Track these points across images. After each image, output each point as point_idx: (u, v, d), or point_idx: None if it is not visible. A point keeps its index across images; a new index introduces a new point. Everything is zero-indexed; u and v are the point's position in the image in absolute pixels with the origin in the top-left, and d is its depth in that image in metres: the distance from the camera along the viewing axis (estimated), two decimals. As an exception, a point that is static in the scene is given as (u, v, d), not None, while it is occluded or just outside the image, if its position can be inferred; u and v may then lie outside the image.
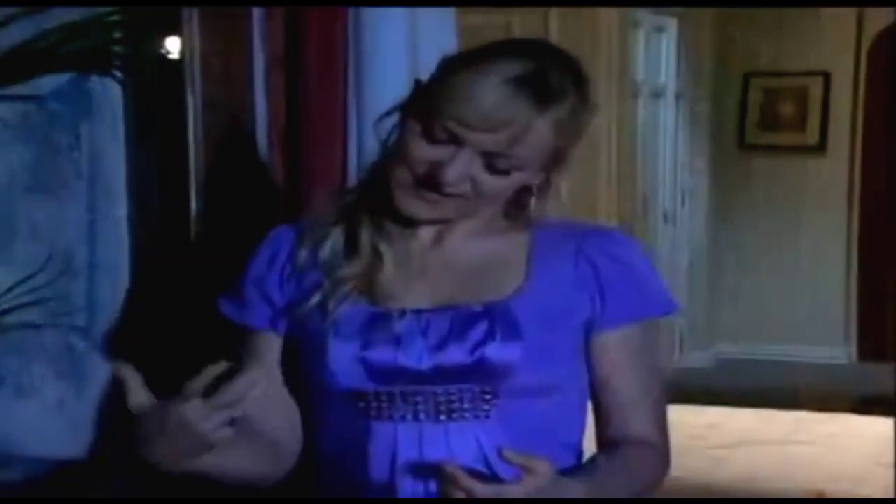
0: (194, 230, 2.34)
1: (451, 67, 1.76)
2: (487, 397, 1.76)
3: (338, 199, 1.90)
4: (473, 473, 1.61)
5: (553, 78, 1.74)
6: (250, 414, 1.82)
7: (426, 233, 1.84)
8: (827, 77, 8.18)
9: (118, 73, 2.26)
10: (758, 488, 5.31)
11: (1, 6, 2.20)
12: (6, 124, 2.31)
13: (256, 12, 2.36)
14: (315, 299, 1.80)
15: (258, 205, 2.37)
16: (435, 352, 1.75)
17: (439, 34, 2.38)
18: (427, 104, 1.74)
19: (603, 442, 1.87)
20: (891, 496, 4.87)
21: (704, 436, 6.01)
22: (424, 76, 1.84)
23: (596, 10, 6.53)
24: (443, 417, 1.77)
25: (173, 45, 2.30)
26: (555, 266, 1.82)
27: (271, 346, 1.88)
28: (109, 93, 2.31)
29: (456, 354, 1.75)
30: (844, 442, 5.84)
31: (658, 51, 7.73)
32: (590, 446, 1.90)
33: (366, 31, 2.35)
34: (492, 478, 1.68)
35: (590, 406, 1.89)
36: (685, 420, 6.19)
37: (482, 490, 1.58)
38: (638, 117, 7.38)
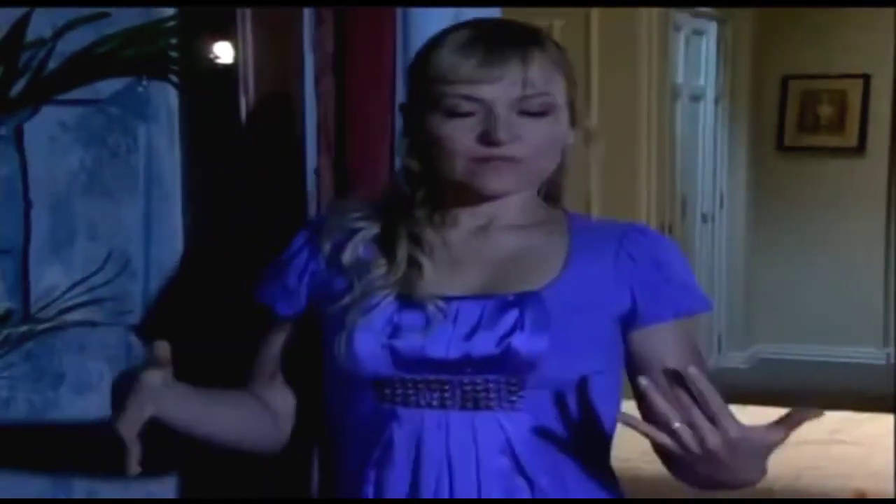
0: (246, 232, 2.38)
1: (426, 58, 1.84)
2: (514, 388, 1.77)
3: (370, 203, 1.94)
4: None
5: (516, 25, 1.86)
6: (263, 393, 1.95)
7: (468, 224, 1.87)
8: (867, 79, 8.18)
9: (174, 78, 2.30)
10: (801, 487, 5.32)
11: (72, 5, 2.26)
12: (66, 128, 2.35)
13: (307, 17, 2.40)
14: (345, 301, 1.82)
15: (308, 208, 2.41)
16: (463, 341, 1.77)
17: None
18: (432, 95, 1.80)
19: None
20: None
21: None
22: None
23: (637, 13, 6.56)
24: (469, 406, 1.78)
25: (227, 51, 2.34)
26: (593, 261, 1.84)
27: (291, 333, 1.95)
28: (166, 97, 2.34)
29: (484, 344, 1.76)
30: (886, 442, 5.84)
31: (697, 54, 7.75)
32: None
33: (414, 35, 2.38)
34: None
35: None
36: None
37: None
38: (677, 119, 7.40)
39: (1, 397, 2.41)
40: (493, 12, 2.47)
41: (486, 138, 1.78)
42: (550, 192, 1.93)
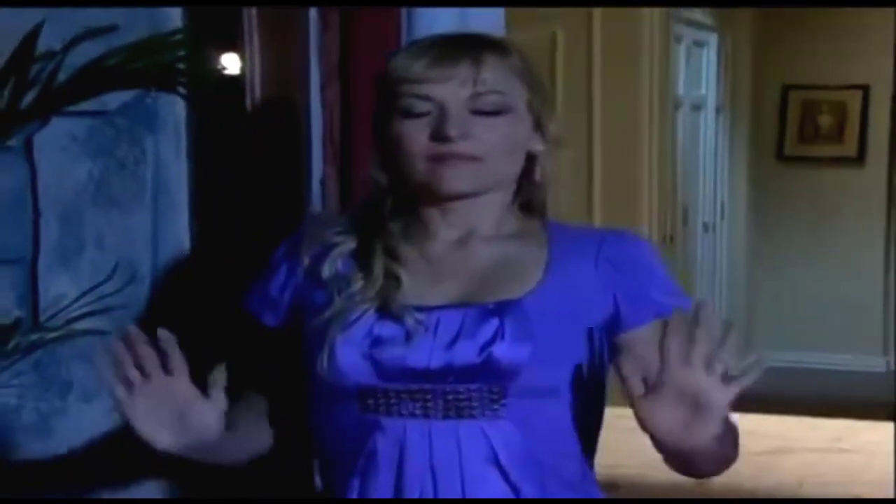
0: (252, 241, 2.40)
1: (387, 67, 1.88)
2: (496, 397, 1.77)
3: (348, 217, 1.96)
4: None
5: (477, 35, 1.90)
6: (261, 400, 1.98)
7: (446, 237, 1.88)
8: (866, 90, 8.20)
9: (182, 90, 2.32)
10: (803, 494, 5.33)
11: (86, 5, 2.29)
12: (75, 139, 2.37)
13: (313, 27, 2.42)
14: (326, 315, 1.83)
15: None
16: (444, 350, 1.77)
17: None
18: (390, 99, 1.84)
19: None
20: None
21: (746, 443, 6.00)
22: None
23: (639, 25, 6.59)
24: (452, 415, 1.78)
25: (234, 62, 2.36)
26: (574, 267, 1.85)
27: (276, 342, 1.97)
28: (173, 108, 2.37)
29: (465, 353, 1.76)
30: (886, 449, 5.85)
31: (698, 65, 7.77)
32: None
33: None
34: None
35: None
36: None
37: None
38: (678, 129, 7.42)
39: (10, 405, 2.43)
40: (497, 13, 2.50)
41: (437, 135, 1.80)
42: (527, 202, 1.94)
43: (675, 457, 1.75)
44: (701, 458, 1.76)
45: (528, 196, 1.93)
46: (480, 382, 1.77)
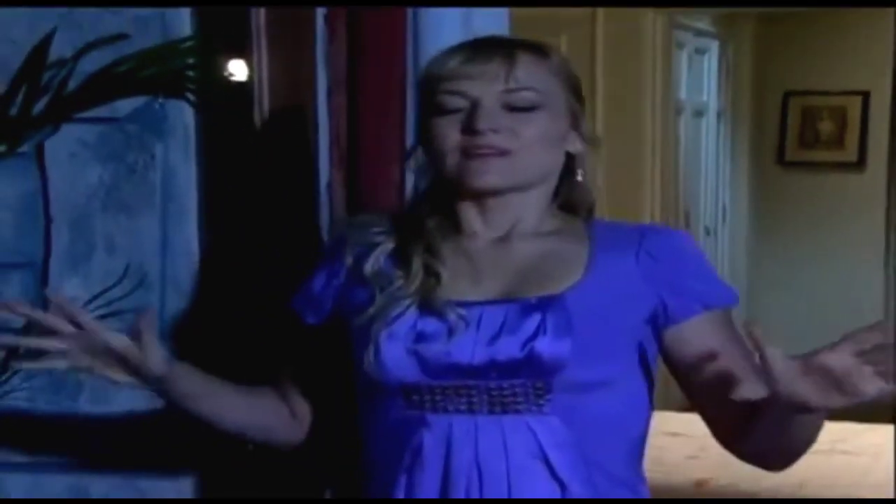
0: (260, 245, 2.42)
1: (425, 67, 1.94)
2: (540, 392, 1.78)
3: (389, 215, 1.98)
4: None
5: (517, 38, 1.94)
6: (292, 386, 2.02)
7: (487, 236, 1.89)
8: (866, 96, 8.22)
9: (191, 97, 2.34)
10: (803, 495, 5.33)
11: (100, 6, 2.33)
12: (85, 145, 2.40)
13: (320, 34, 2.44)
14: (370, 312, 1.85)
15: (320, 221, 2.45)
16: (487, 346, 1.78)
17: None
18: (426, 97, 1.89)
19: (736, 432, 1.82)
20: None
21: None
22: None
23: (641, 32, 6.62)
24: (497, 410, 1.78)
25: (242, 69, 2.39)
26: (615, 263, 1.85)
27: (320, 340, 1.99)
28: (183, 114, 2.39)
29: (508, 348, 1.77)
30: (888, 451, 5.86)
31: (700, 71, 7.80)
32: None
33: (424, 51, 2.42)
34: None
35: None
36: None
37: None
38: (681, 135, 7.44)
39: (21, 408, 2.45)
40: (502, 18, 2.52)
41: (468, 128, 1.82)
42: (568, 202, 1.95)
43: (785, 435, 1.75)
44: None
45: (569, 196, 1.95)
46: (524, 377, 1.77)
